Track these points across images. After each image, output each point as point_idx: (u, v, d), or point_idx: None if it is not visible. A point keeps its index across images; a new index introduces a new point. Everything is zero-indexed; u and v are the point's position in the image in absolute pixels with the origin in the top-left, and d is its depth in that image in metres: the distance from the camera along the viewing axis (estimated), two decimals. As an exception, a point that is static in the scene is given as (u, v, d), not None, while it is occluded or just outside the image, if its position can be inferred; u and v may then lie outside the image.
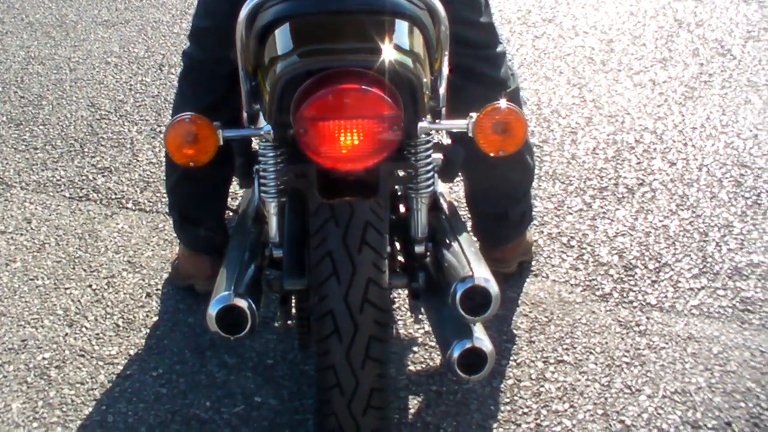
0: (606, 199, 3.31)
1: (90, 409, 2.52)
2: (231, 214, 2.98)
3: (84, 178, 3.58)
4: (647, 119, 3.82)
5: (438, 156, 2.17)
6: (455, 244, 2.07)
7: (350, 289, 1.92)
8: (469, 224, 2.91)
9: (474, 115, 1.97)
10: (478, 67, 2.51)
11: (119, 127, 3.94)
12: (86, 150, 3.78)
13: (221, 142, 1.97)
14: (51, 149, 3.80)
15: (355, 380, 1.96)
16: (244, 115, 2.10)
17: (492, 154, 2.01)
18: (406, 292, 2.40)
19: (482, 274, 1.92)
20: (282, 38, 1.96)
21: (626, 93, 4.04)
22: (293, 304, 2.29)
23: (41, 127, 3.98)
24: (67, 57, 4.67)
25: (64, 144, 3.83)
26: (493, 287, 1.91)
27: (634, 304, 2.83)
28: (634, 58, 4.37)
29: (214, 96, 2.48)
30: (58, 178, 3.60)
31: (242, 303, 1.93)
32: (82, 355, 2.71)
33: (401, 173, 2.00)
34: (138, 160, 3.68)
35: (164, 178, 2.86)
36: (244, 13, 1.96)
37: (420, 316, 2.28)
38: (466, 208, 2.91)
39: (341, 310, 1.93)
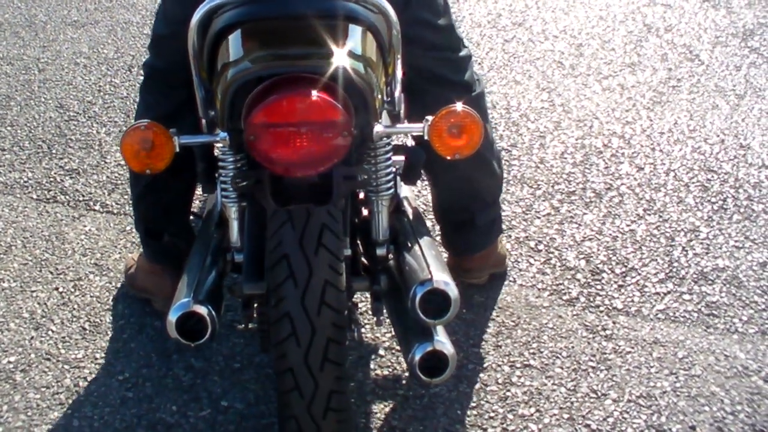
0: (574, 204, 3.33)
1: (55, 413, 2.51)
2: (193, 218, 2.96)
3: (52, 179, 3.57)
4: (615, 124, 3.84)
5: (399, 158, 2.18)
6: (416, 247, 2.08)
7: (307, 292, 1.92)
8: (435, 228, 2.91)
9: (430, 118, 1.98)
10: (440, 71, 2.51)
11: (88, 129, 3.92)
12: (54, 151, 3.76)
13: (177, 149, 1.96)
14: (19, 150, 3.78)
15: (314, 383, 1.96)
16: (203, 121, 2.11)
17: (448, 158, 2.02)
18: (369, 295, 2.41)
19: (441, 277, 1.92)
20: (234, 44, 1.97)
21: (595, 97, 4.06)
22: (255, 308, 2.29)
23: (9, 128, 3.95)
24: (35, 57, 4.64)
25: (32, 145, 3.81)
26: (453, 290, 1.91)
27: (601, 308, 2.85)
28: (603, 62, 4.39)
29: (176, 104, 2.46)
30: (26, 179, 3.58)
31: (202, 310, 1.93)
32: (48, 359, 2.69)
33: (361, 177, 1.99)
34: (106, 162, 3.66)
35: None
36: (195, 19, 1.96)
37: (386, 320, 2.28)
38: (433, 216, 2.91)
39: (298, 313, 1.92)
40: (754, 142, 3.69)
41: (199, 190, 2.96)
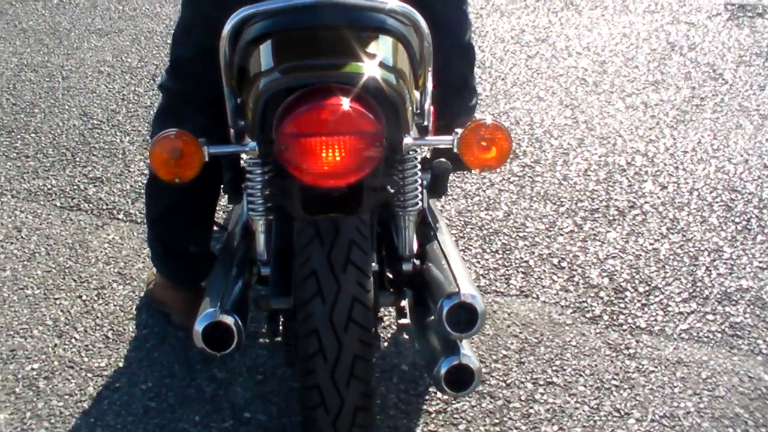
0: (597, 221, 3.32)
1: (78, 421, 2.51)
2: (217, 229, 2.96)
3: (75, 187, 3.58)
4: (639, 142, 3.84)
5: (426, 174, 2.18)
6: (443, 261, 2.07)
7: (335, 309, 1.92)
8: (461, 242, 2.91)
9: (459, 130, 1.97)
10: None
11: (111, 137, 3.93)
12: (78, 159, 3.77)
13: (207, 158, 1.96)
14: (42, 158, 3.79)
15: (340, 399, 1.96)
16: (231, 131, 2.11)
17: (478, 171, 2.03)
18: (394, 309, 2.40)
19: (469, 291, 1.92)
20: (265, 54, 1.97)
21: (618, 115, 4.06)
22: (281, 322, 2.29)
23: (33, 135, 3.97)
24: (59, 65, 4.67)
25: (56, 153, 3.82)
26: (480, 304, 1.91)
27: (624, 327, 2.84)
28: (626, 80, 4.39)
29: (195, 126, 2.41)
30: (50, 187, 3.59)
31: (228, 320, 1.93)
32: (71, 367, 2.69)
33: (391, 188, 1.99)
34: (130, 171, 3.67)
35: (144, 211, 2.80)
36: (227, 29, 1.96)
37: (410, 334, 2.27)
38: (455, 223, 2.91)
39: (326, 330, 1.92)
40: (778, 163, 3.69)
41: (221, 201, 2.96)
